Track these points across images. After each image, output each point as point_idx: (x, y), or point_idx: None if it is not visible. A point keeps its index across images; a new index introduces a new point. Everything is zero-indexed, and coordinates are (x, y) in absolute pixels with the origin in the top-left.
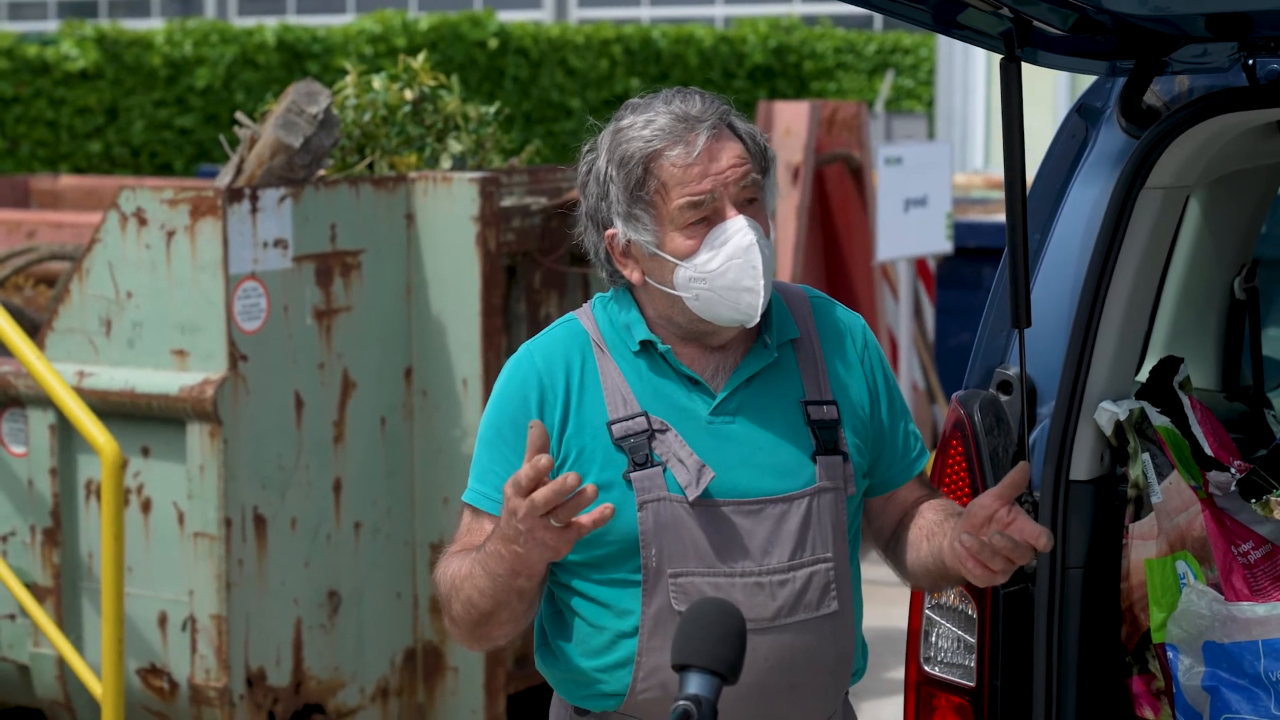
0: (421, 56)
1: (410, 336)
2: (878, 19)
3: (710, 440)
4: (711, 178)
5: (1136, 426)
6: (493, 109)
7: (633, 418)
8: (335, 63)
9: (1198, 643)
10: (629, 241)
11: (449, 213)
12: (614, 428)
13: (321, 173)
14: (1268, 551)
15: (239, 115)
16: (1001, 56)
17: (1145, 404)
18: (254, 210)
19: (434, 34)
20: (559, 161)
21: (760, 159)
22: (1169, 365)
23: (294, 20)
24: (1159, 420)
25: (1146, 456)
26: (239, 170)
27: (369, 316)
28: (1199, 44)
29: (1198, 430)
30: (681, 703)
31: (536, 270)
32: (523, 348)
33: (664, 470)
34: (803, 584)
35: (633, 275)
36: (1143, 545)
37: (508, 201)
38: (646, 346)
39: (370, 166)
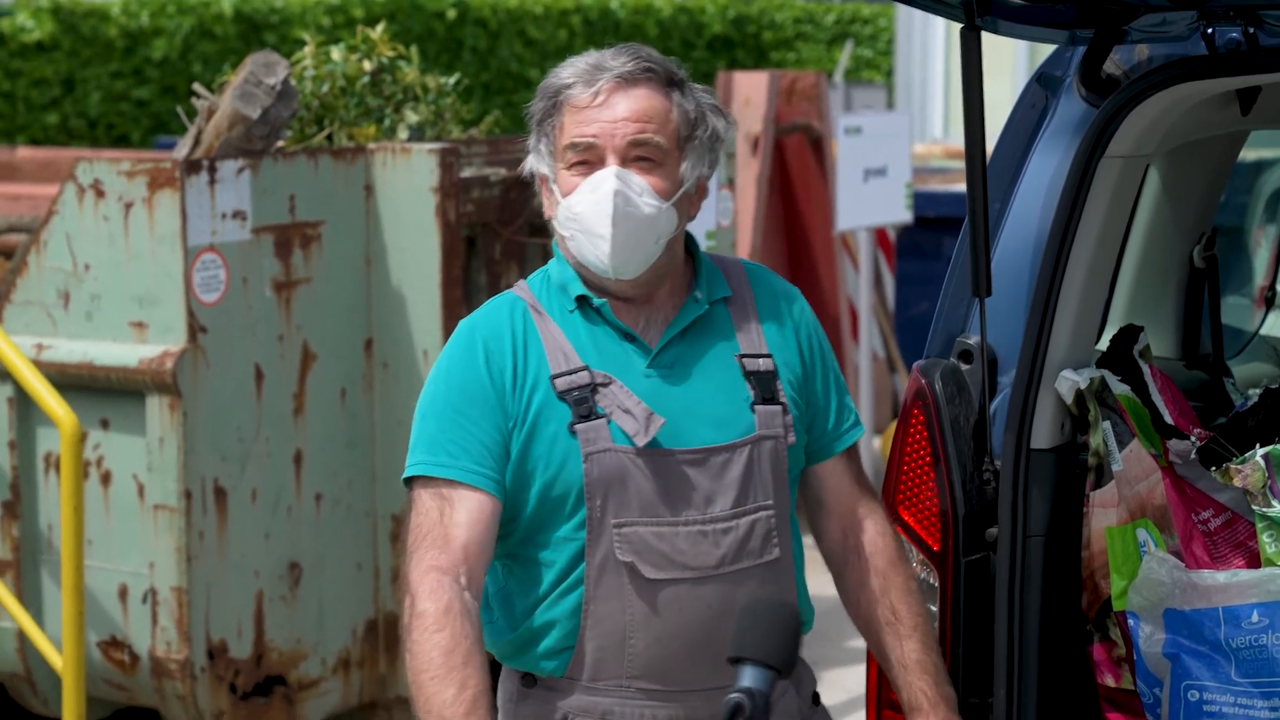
0: (380, 27)
1: (370, 308)
2: None
3: (649, 392)
4: (600, 124)
5: (1097, 395)
6: (452, 80)
7: (575, 371)
8: (293, 34)
9: (1158, 610)
10: (541, 174)
11: (408, 184)
12: (557, 381)
13: (280, 144)
14: (1227, 519)
15: (196, 87)
16: (962, 25)
17: (1106, 372)
18: (212, 182)
19: (392, 5)
20: (518, 132)
21: (684, 125)
22: (1129, 334)
23: None
24: (1119, 389)
25: (1107, 425)
26: (197, 142)
27: (328, 288)
28: (1158, 13)
29: (1158, 399)
30: (735, 695)
31: (496, 241)
32: (462, 322)
33: (608, 422)
34: (745, 531)
35: (547, 209)
36: (1103, 513)
37: (467, 172)
38: (582, 302)
39: (329, 138)
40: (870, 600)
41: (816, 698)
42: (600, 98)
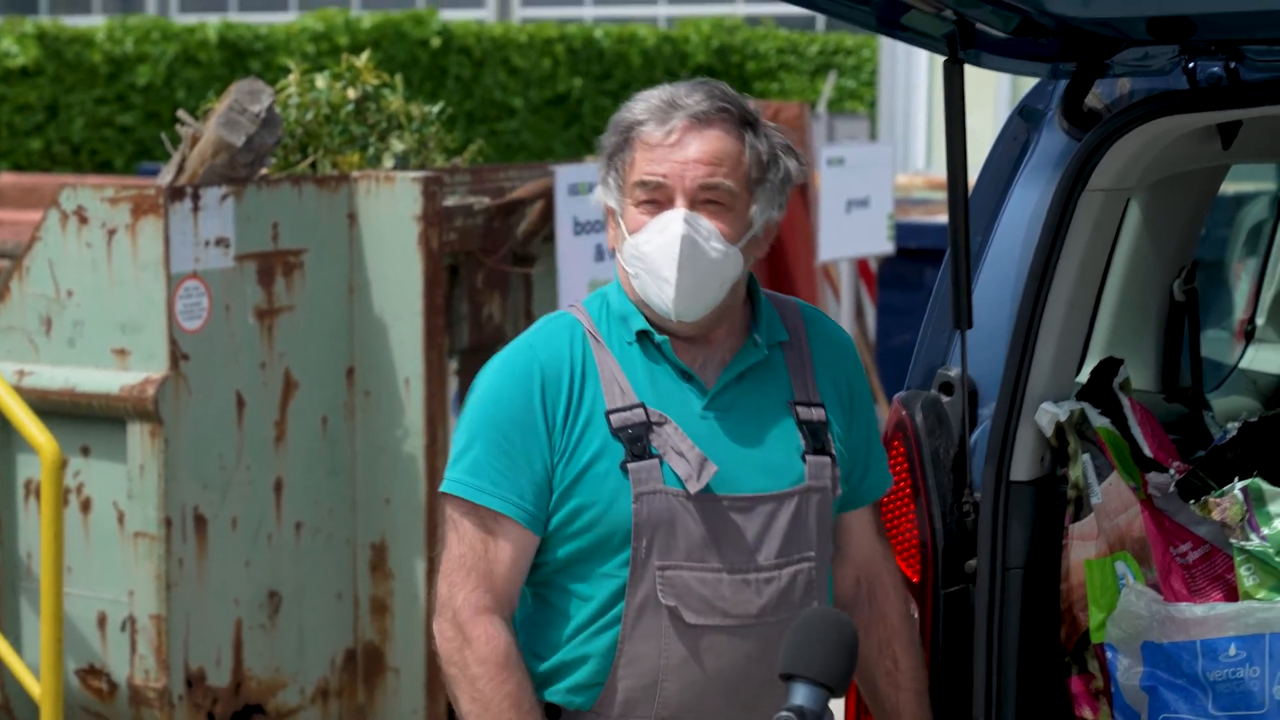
0: (365, 55)
1: (352, 336)
2: (820, 20)
3: (704, 434)
4: (671, 164)
5: (1077, 427)
6: (436, 108)
7: (630, 408)
8: (277, 61)
9: (1136, 643)
10: (609, 207)
11: (392, 212)
12: (612, 417)
13: (264, 171)
14: (1206, 552)
15: (181, 113)
16: (945, 58)
17: (1085, 405)
18: (195, 209)
19: (377, 32)
20: (502, 161)
21: (756, 167)
22: (1109, 366)
23: (236, 18)
24: (1099, 421)
25: (1086, 457)
26: (181, 168)
27: (311, 316)
28: (1140, 47)
29: (1137, 431)
30: (784, 714)
31: (479, 270)
32: (519, 340)
33: (661, 463)
34: (788, 582)
35: (611, 241)
36: (1082, 546)
37: (450, 201)
38: (642, 337)
39: (313, 165)
40: (873, 647)
41: None
42: (673, 137)
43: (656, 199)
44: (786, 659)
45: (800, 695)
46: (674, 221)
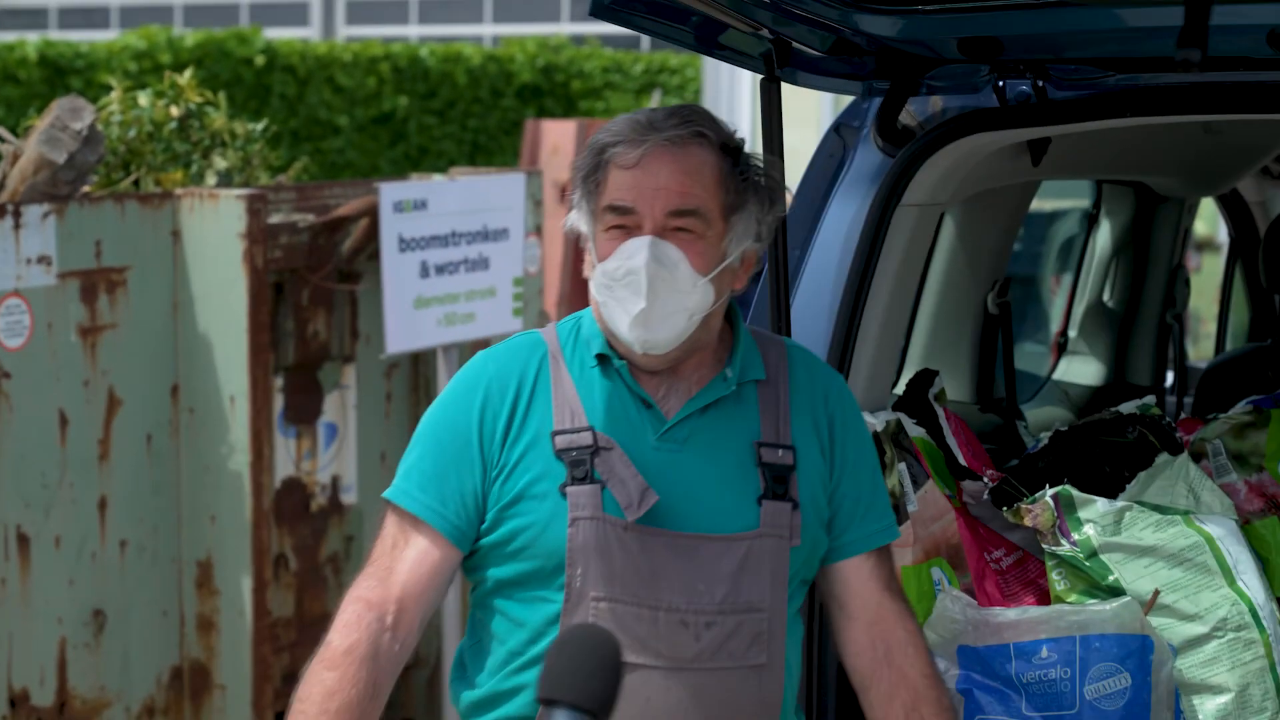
0: (188, 73)
1: (176, 354)
2: (645, 40)
3: (655, 465)
4: (640, 190)
5: (893, 437)
6: (260, 126)
7: (578, 431)
8: (99, 78)
9: (952, 646)
10: (581, 233)
11: (216, 229)
12: (557, 438)
13: (86, 189)
14: (1018, 558)
15: (0, 130)
16: (762, 76)
17: (901, 415)
18: (17, 226)
19: (200, 50)
20: (326, 179)
21: (732, 196)
22: (924, 378)
23: (56, 35)
24: (915, 431)
25: (903, 466)
26: (1, 186)
27: (135, 334)
28: (952, 65)
29: (952, 441)
30: None
31: (304, 287)
32: (482, 353)
33: (602, 489)
34: (730, 630)
35: (585, 269)
36: (899, 552)
37: (275, 218)
38: (604, 361)
39: (136, 183)
40: (899, 713)
41: None
42: (645, 161)
43: (625, 225)
44: (544, 684)
45: None
46: (640, 250)
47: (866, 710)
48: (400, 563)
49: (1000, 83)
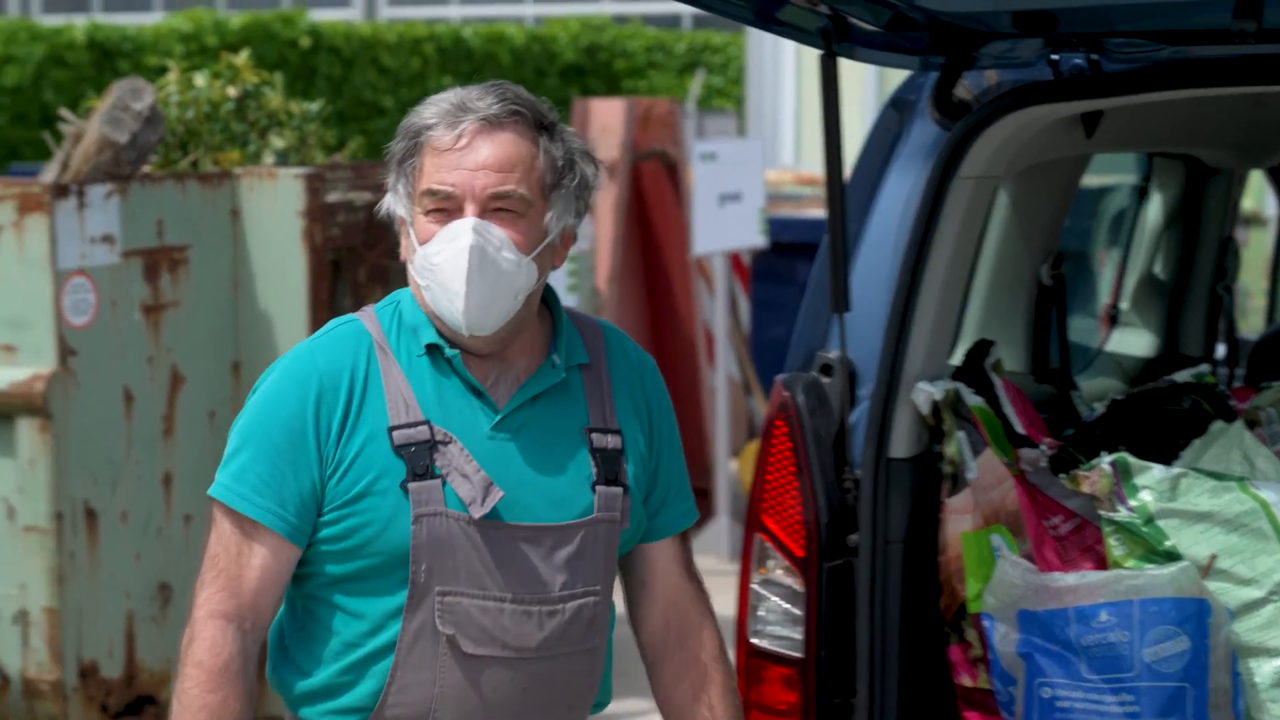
0: (244, 53)
1: (238, 331)
2: (688, 18)
3: (491, 455)
4: (460, 171)
5: (952, 406)
6: (315, 106)
7: (415, 425)
8: (146, 61)
9: (1012, 611)
10: (398, 217)
11: (275, 208)
12: (395, 434)
13: (146, 169)
14: (1076, 524)
15: (63, 111)
16: (820, 52)
17: (960, 385)
18: (81, 206)
19: (245, 33)
20: (377, 159)
21: (551, 173)
22: (981, 348)
23: (102, 18)
24: (973, 400)
25: (961, 434)
26: (65, 166)
27: (197, 311)
28: (1006, 40)
29: (1009, 409)
30: None
31: (361, 265)
32: (301, 345)
33: (443, 484)
34: (571, 616)
35: (404, 253)
36: (959, 519)
37: (332, 197)
38: (432, 350)
39: (194, 163)
40: (687, 694)
41: None
42: (462, 141)
43: (446, 207)
44: None
45: None
46: (464, 232)
47: (655, 689)
48: (248, 570)
49: (1054, 56)
